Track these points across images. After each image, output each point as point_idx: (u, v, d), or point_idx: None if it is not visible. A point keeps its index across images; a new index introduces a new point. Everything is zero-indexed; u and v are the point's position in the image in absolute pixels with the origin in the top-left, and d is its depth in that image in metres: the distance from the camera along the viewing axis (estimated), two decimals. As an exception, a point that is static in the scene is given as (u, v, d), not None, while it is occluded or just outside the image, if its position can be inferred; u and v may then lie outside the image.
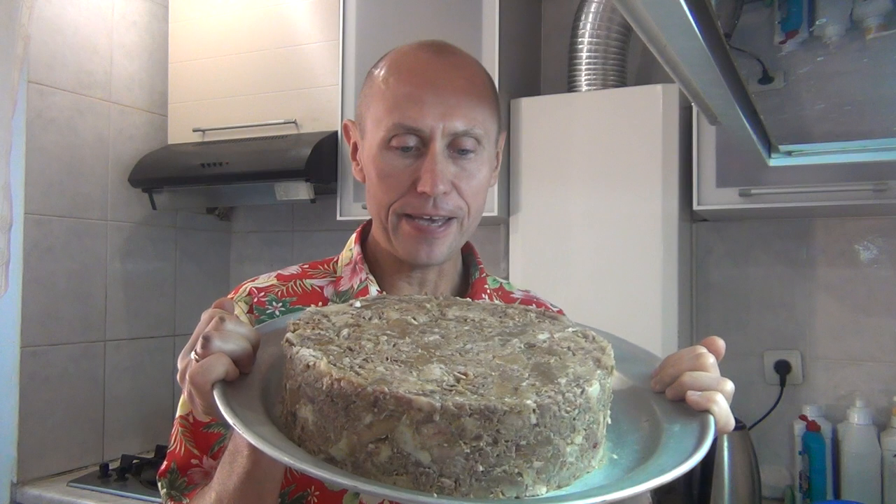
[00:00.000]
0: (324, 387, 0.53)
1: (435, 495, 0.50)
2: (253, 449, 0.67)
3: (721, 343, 0.67)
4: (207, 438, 0.84)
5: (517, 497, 0.52)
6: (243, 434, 0.52)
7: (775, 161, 1.18)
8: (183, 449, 0.85)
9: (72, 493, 1.89)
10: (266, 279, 0.92)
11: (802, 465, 1.72)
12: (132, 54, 2.30)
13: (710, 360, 0.65)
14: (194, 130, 2.24)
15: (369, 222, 0.95)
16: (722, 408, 0.61)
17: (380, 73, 0.87)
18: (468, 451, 0.50)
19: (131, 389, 2.24)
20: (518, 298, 0.99)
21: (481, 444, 0.50)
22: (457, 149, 0.83)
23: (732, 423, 0.62)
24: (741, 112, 0.90)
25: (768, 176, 1.57)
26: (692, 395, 0.61)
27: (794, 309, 1.87)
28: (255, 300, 0.88)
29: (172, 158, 2.22)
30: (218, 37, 2.24)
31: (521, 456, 0.51)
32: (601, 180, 1.74)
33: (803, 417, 1.74)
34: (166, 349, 2.38)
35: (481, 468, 0.51)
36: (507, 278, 1.01)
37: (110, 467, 2.00)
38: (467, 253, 0.98)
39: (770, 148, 1.16)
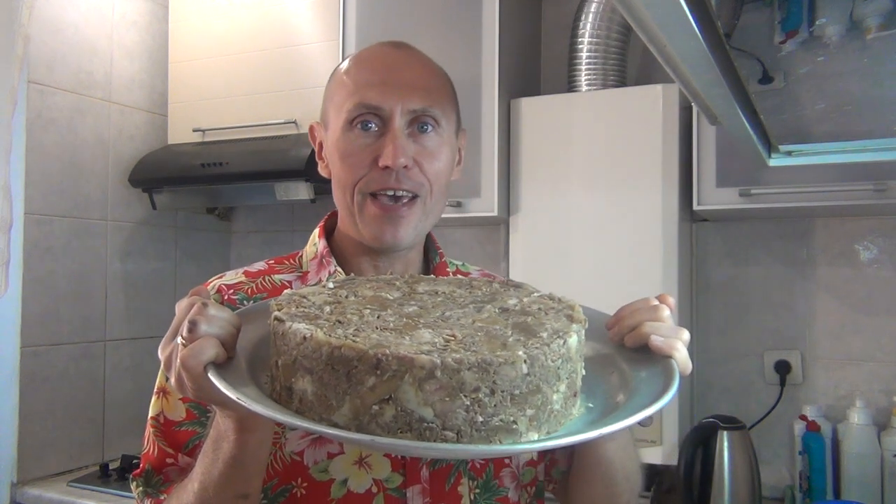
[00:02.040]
0: (323, 356, 0.55)
1: (447, 444, 0.53)
2: (240, 433, 0.67)
3: (672, 300, 0.71)
4: (180, 437, 0.84)
5: (514, 443, 0.56)
6: (251, 407, 0.54)
7: (775, 161, 1.18)
8: (156, 449, 0.84)
9: (72, 493, 1.89)
10: (234, 276, 0.92)
11: (802, 465, 1.72)
12: (132, 54, 2.30)
13: (666, 312, 0.69)
14: (194, 130, 2.24)
15: (332, 216, 0.96)
16: (682, 353, 0.65)
17: (342, 67, 0.91)
18: (468, 402, 0.53)
19: (131, 389, 2.25)
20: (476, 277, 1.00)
21: (480, 395, 0.54)
22: (416, 127, 0.86)
23: (690, 367, 0.66)
24: (741, 112, 0.90)
25: (768, 176, 1.57)
26: (655, 340, 0.65)
27: (794, 309, 1.87)
28: (226, 297, 0.88)
29: (172, 158, 2.22)
30: (218, 37, 2.24)
31: (516, 405, 0.55)
32: (601, 180, 1.74)
33: (803, 417, 1.74)
34: (166, 349, 2.38)
35: (480, 419, 0.54)
36: (462, 263, 1.03)
37: (110, 467, 2.00)
38: (427, 240, 0.98)
39: (770, 148, 1.16)
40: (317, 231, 0.95)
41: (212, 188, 2.23)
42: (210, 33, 2.26)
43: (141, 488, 0.84)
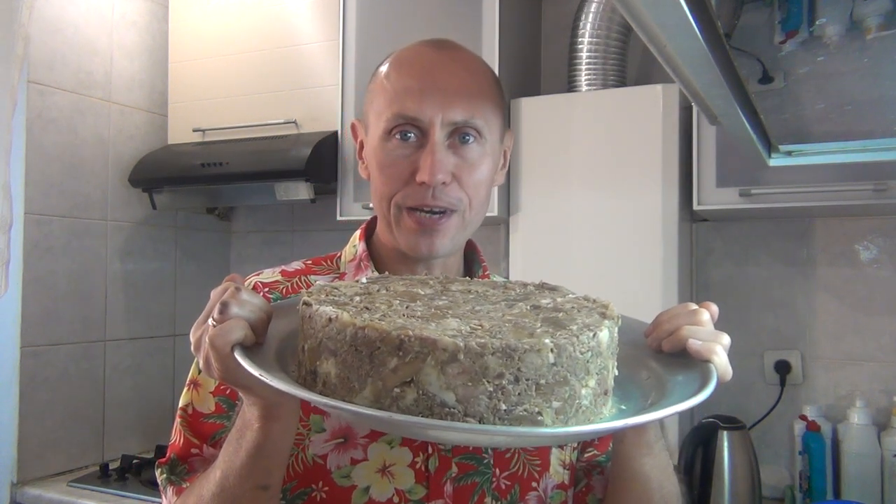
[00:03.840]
0: (347, 337, 0.55)
1: (464, 424, 0.52)
2: (265, 420, 0.67)
3: (715, 307, 0.69)
4: (206, 428, 0.84)
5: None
6: (272, 383, 0.53)
7: (775, 161, 1.18)
8: (182, 440, 0.85)
9: (72, 493, 1.89)
10: (270, 274, 0.91)
11: (802, 465, 1.72)
12: (132, 54, 2.30)
13: (706, 315, 0.67)
14: (194, 130, 2.24)
15: (373, 220, 0.95)
16: (722, 358, 0.63)
17: (383, 69, 0.88)
18: (491, 389, 0.52)
19: (131, 389, 2.24)
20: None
21: (503, 382, 0.52)
22: (457, 138, 0.83)
23: (731, 372, 0.64)
24: (741, 112, 0.90)
25: (768, 176, 1.57)
26: (693, 344, 0.63)
27: (794, 309, 1.87)
28: (261, 295, 0.88)
29: (172, 158, 2.22)
30: (218, 37, 2.24)
31: (541, 395, 0.53)
32: (601, 180, 1.74)
33: (803, 417, 1.74)
34: (166, 349, 2.38)
35: (504, 407, 0.52)
36: (507, 279, 1.02)
37: (110, 467, 2.00)
38: (470, 251, 0.98)
39: (770, 148, 1.16)
40: (357, 233, 0.94)
41: (212, 188, 2.23)
42: (210, 33, 2.26)
43: (165, 475, 0.84)
